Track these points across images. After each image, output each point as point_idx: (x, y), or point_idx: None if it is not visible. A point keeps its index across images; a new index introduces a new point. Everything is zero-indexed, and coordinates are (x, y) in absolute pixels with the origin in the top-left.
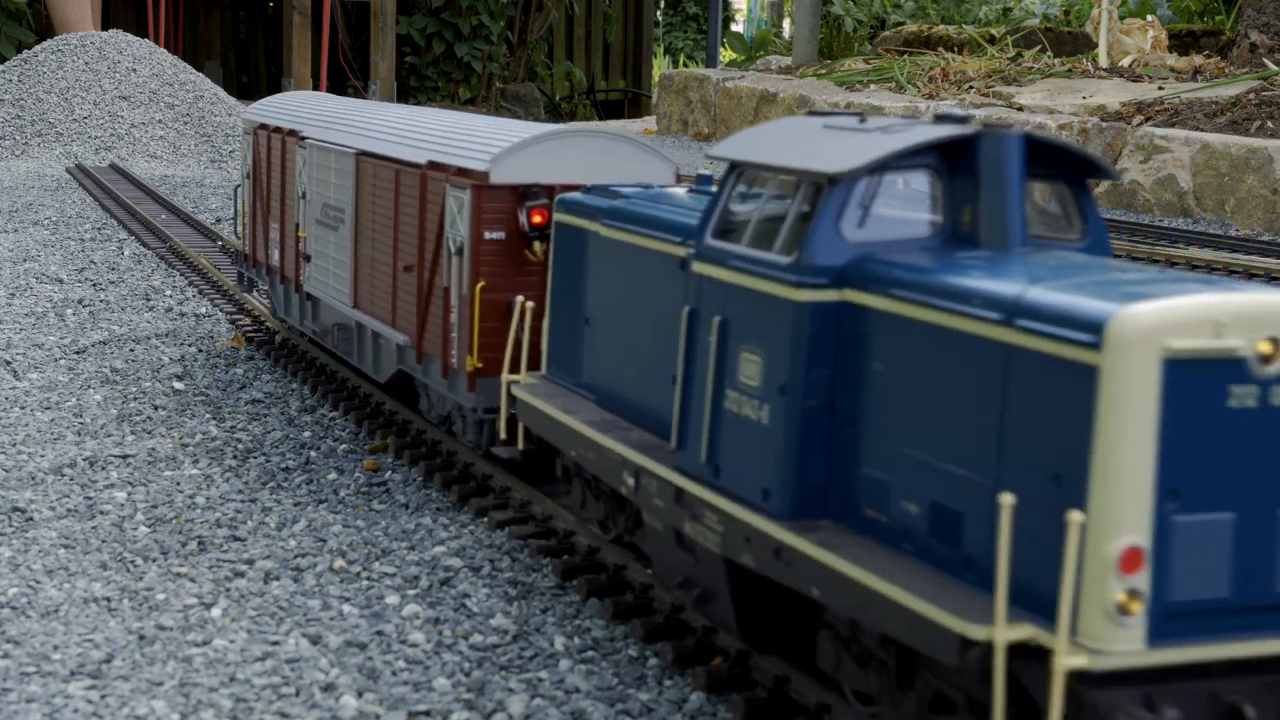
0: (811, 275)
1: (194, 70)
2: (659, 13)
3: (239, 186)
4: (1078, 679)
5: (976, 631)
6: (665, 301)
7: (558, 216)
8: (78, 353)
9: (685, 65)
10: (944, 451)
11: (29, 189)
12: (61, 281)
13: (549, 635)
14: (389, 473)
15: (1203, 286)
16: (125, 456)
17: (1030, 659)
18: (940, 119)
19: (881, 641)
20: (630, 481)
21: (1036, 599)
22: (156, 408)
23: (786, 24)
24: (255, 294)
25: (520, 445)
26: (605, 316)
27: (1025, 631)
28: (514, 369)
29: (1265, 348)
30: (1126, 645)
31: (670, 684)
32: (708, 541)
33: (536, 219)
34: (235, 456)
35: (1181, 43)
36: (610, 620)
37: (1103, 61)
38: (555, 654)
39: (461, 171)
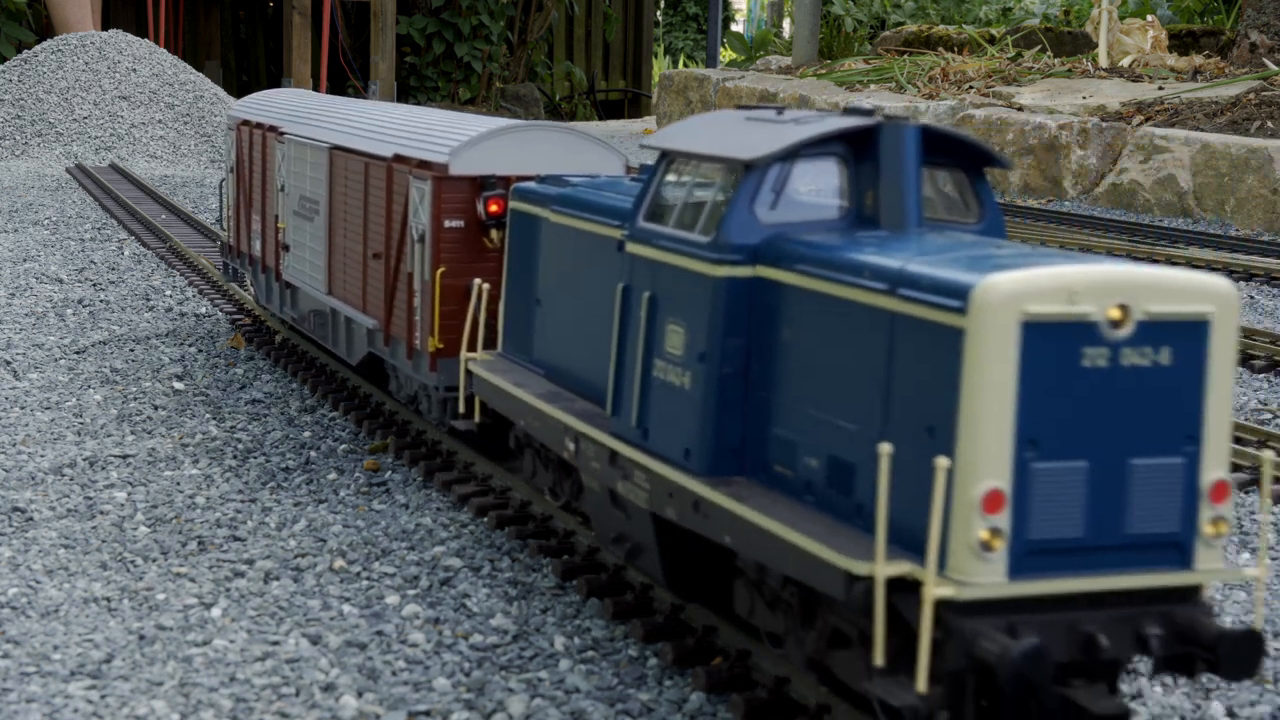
0: (728, 253)
1: (194, 70)
2: (659, 13)
3: (224, 180)
4: (947, 608)
5: (860, 568)
6: (604, 281)
7: (513, 204)
8: (78, 353)
9: (685, 65)
10: (840, 410)
11: (29, 189)
12: (61, 281)
13: (549, 635)
14: (389, 473)
15: (1063, 260)
16: (125, 456)
17: (907, 592)
18: (848, 112)
19: (784, 583)
20: (571, 446)
21: (913, 539)
22: (156, 408)
23: (786, 24)
24: (243, 284)
25: (477, 419)
26: (554, 297)
27: (901, 568)
28: (472, 348)
29: (1115, 314)
30: (989, 578)
31: (670, 684)
32: (637, 499)
33: (493, 208)
34: (235, 456)
35: (1181, 43)
36: (610, 620)
37: (1103, 61)
38: (555, 654)
39: (423, 164)
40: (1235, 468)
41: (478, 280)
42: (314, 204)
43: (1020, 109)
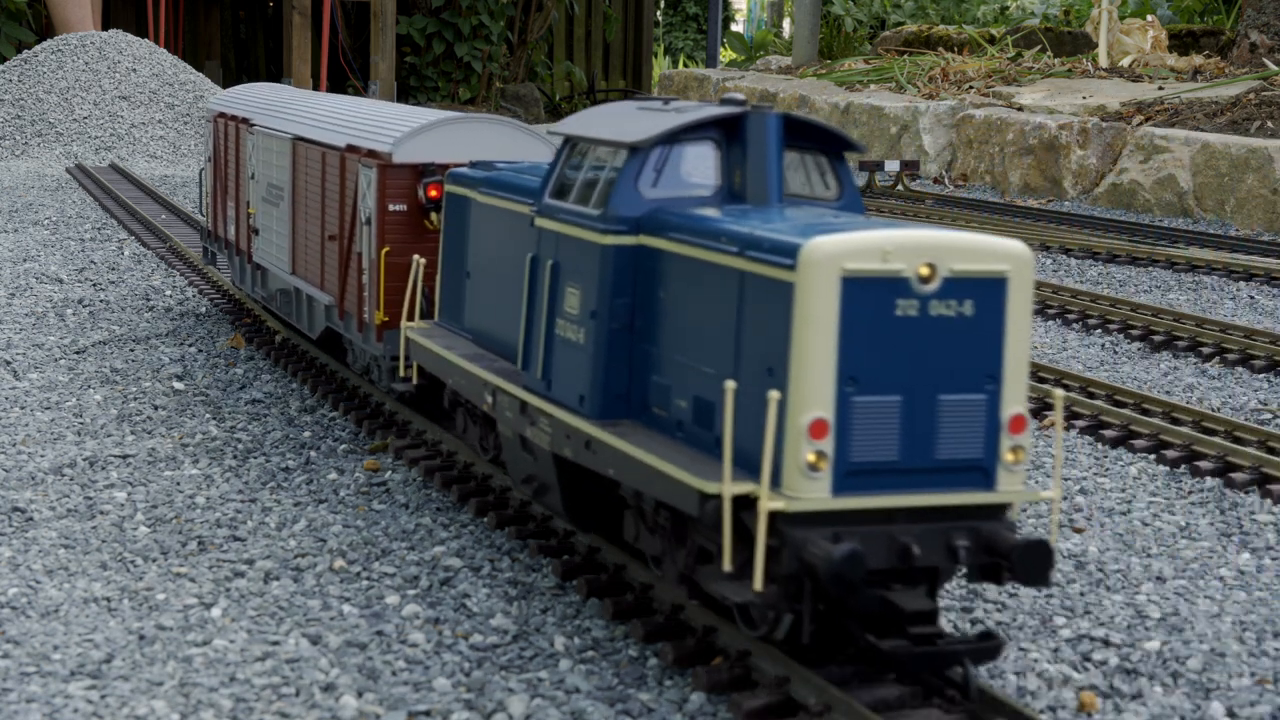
0: (614, 224)
1: (194, 70)
2: (659, 13)
3: (203, 169)
4: (781, 520)
5: (710, 488)
6: (519, 252)
7: (447, 187)
8: (78, 353)
9: (685, 65)
10: (702, 357)
11: (29, 189)
12: (61, 281)
13: (549, 635)
14: (389, 473)
15: (882, 225)
16: (125, 456)
17: (751, 509)
18: (724, 102)
19: (657, 508)
20: (489, 400)
21: (756, 464)
22: (156, 408)
23: (786, 24)
24: (218, 267)
25: (414, 381)
26: (480, 269)
27: (744, 487)
28: (411, 318)
29: (924, 271)
30: (815, 494)
31: (670, 684)
32: (542, 442)
33: (433, 193)
34: (235, 456)
35: (1181, 43)
36: (610, 620)
37: (1103, 61)
38: (555, 654)
39: (370, 153)
40: (1229, 466)
41: (416, 257)
42: (279, 190)
43: (1020, 109)
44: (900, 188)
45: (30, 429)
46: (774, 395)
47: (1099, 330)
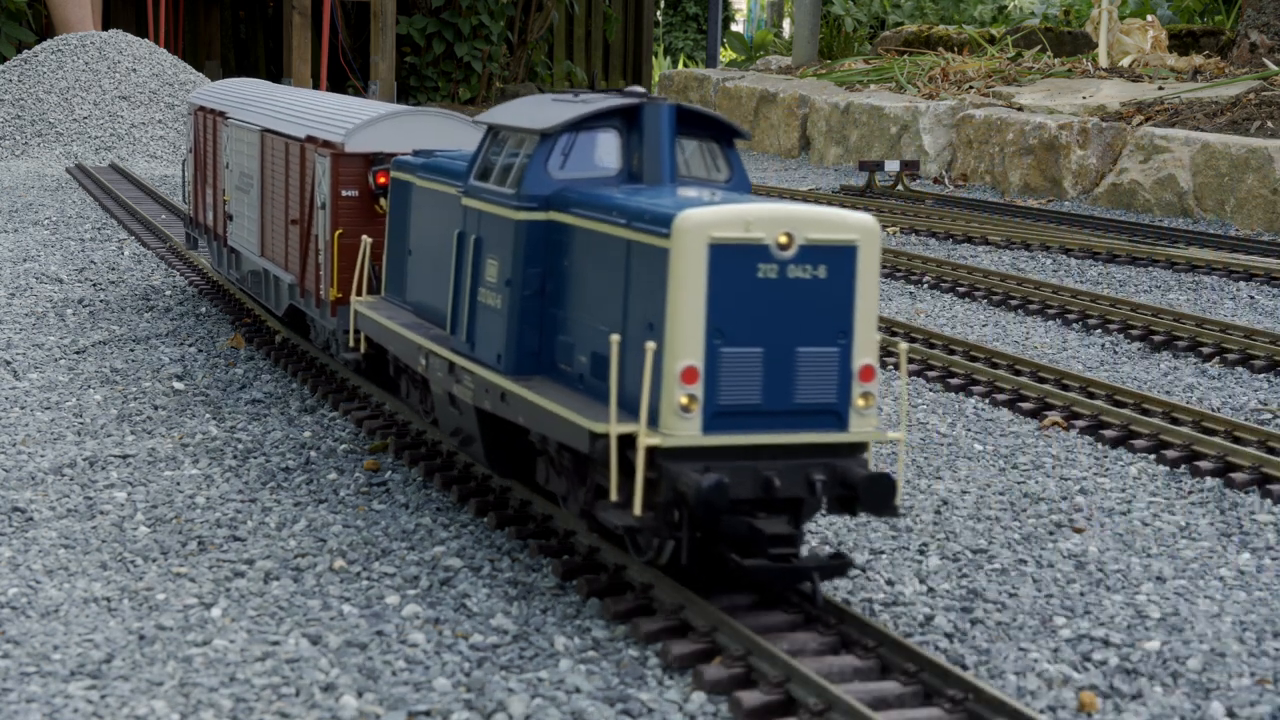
0: (526, 202)
1: (194, 70)
2: (659, 13)
3: (185, 160)
4: (658, 454)
5: (599, 428)
6: (450, 230)
7: (393, 173)
8: (78, 353)
9: (685, 65)
10: (598, 317)
11: (29, 189)
12: (61, 281)
13: (549, 635)
14: (389, 473)
15: (750, 200)
16: (125, 456)
17: (633, 446)
18: (626, 93)
19: (559, 450)
20: (423, 362)
21: (638, 407)
22: (156, 408)
23: (786, 24)
24: (199, 251)
25: (362, 350)
26: (419, 247)
27: (627, 427)
28: (360, 294)
29: (783, 239)
30: (688, 432)
31: (670, 684)
32: (466, 397)
33: (382, 180)
34: (235, 456)
35: (1181, 43)
36: (610, 620)
37: (1103, 61)
38: (555, 654)
39: (325, 143)
40: (1230, 466)
41: (364, 237)
42: (250, 178)
43: (1020, 109)
44: (900, 188)
45: (30, 429)
46: (650, 346)
47: (1099, 330)
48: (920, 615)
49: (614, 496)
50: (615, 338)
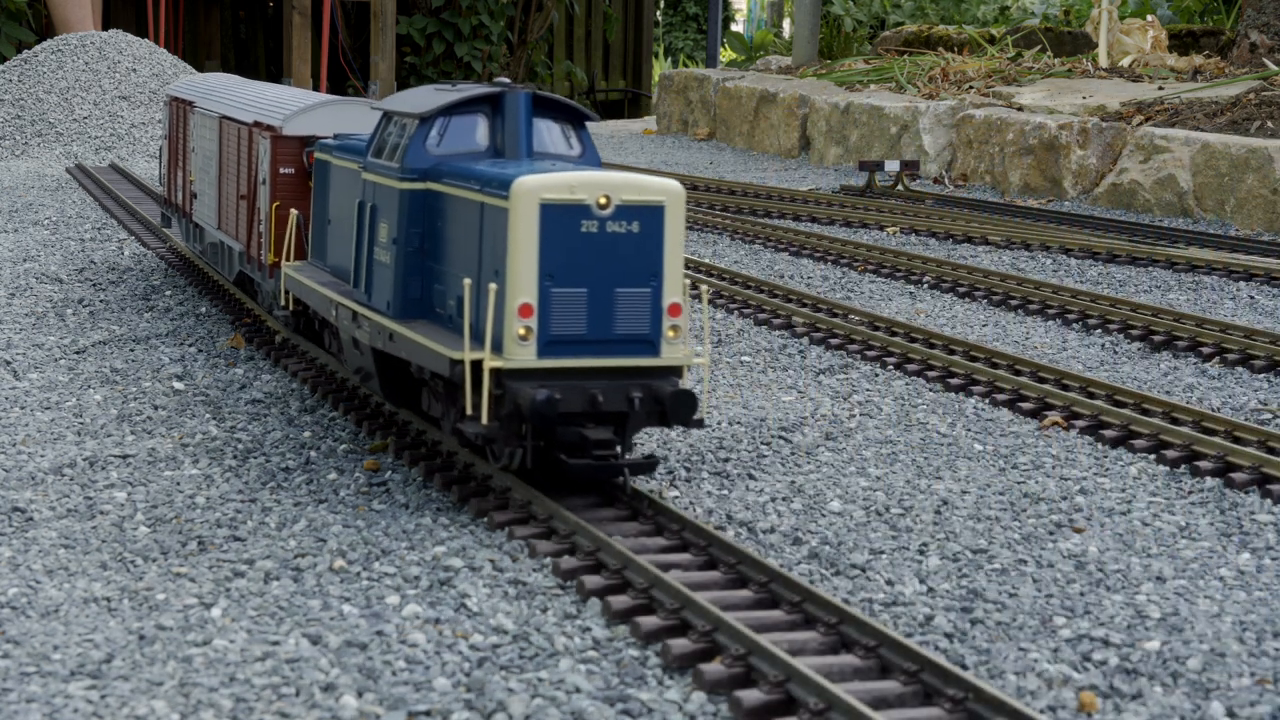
0: (408, 174)
1: (194, 70)
2: (659, 13)
3: (161, 146)
4: (502, 375)
5: (456, 355)
6: (355, 200)
7: (316, 155)
8: (78, 353)
9: (685, 65)
10: (461, 267)
11: (29, 189)
12: (61, 281)
13: (549, 635)
14: (389, 473)
15: (577, 169)
16: (125, 456)
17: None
18: (494, 83)
19: (433, 377)
20: (334, 313)
21: (486, 338)
22: (156, 408)
23: (786, 24)
24: (170, 228)
25: (290, 308)
26: (335, 217)
27: (478, 354)
28: (289, 259)
29: (602, 200)
30: (525, 357)
31: (670, 684)
32: (364, 339)
33: (313, 159)
34: (235, 456)
35: (1181, 43)
36: (610, 620)
37: (1103, 61)
38: (555, 654)
39: (267, 127)
40: (1230, 466)
41: (293, 210)
42: (210, 160)
43: (1020, 109)
44: (900, 188)
45: (30, 429)
46: (492, 287)
47: (1099, 330)
48: (920, 615)
49: (468, 410)
50: (468, 281)
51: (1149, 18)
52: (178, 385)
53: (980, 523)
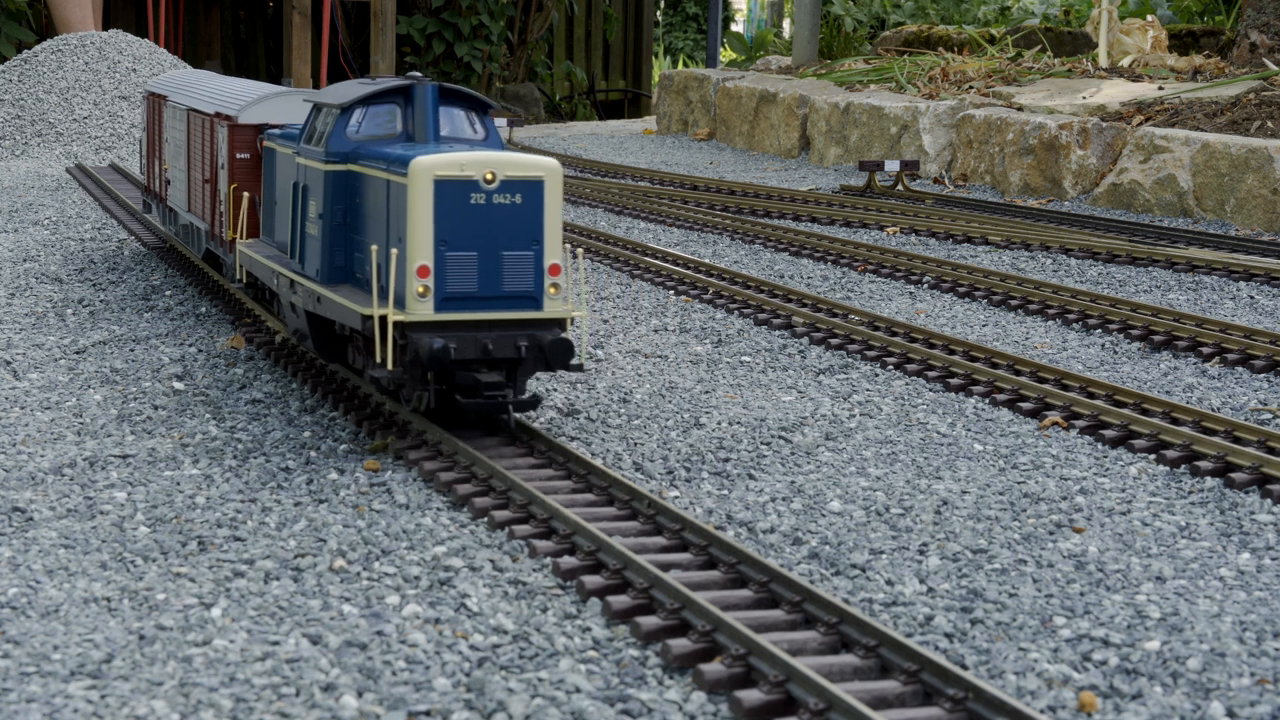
0: (331, 157)
1: (194, 70)
2: (659, 13)
3: (141, 138)
4: (405, 327)
5: (367, 311)
6: (291, 182)
7: (264, 142)
8: (78, 353)
9: (685, 65)
10: (375, 236)
11: (29, 189)
12: (61, 281)
13: (549, 635)
14: (389, 473)
15: (468, 148)
16: (125, 456)
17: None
18: (406, 77)
19: (352, 333)
20: (275, 281)
21: (397, 298)
22: (156, 408)
23: (786, 24)
24: (150, 213)
25: (244, 280)
26: (278, 198)
27: (385, 310)
28: (244, 236)
29: (488, 176)
30: (424, 311)
31: (670, 684)
32: (299, 303)
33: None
34: (235, 456)
35: (1181, 43)
36: (610, 620)
37: (1103, 61)
38: (555, 654)
39: (225, 117)
40: (1230, 466)
41: (246, 193)
42: (180, 148)
43: (1020, 109)
44: (900, 188)
45: (30, 429)
46: (395, 252)
47: (1099, 330)
48: (920, 615)
49: (378, 359)
50: (375, 247)
51: (1149, 18)
52: (178, 385)
53: (980, 523)
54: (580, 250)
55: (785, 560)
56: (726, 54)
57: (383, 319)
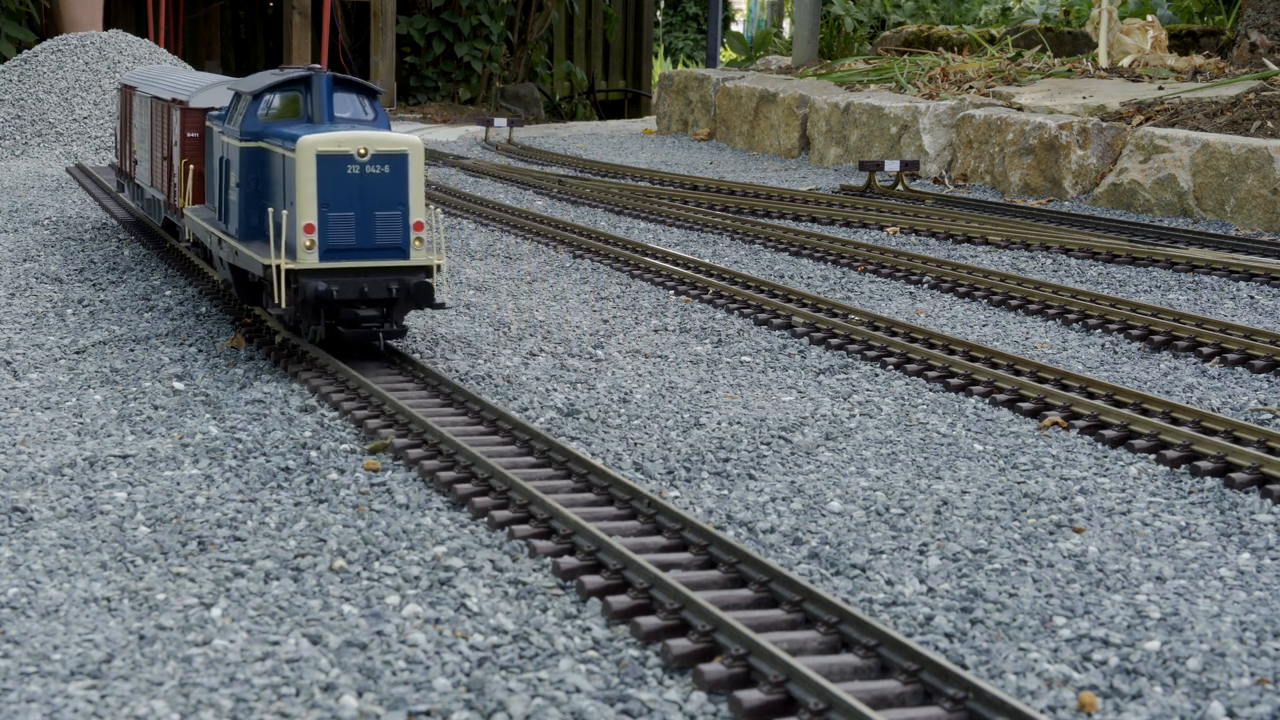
0: (244, 135)
1: (194, 70)
2: (659, 13)
3: (115, 126)
4: (296, 274)
5: (267, 261)
6: (219, 157)
7: (206, 123)
8: (78, 353)
9: (685, 65)
10: (275, 201)
11: (29, 189)
12: (61, 281)
13: (549, 635)
14: (389, 473)
15: (349, 128)
16: (125, 456)
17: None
18: (307, 68)
19: (260, 280)
20: (209, 239)
21: (289, 249)
22: (156, 408)
23: (786, 24)
24: (123, 193)
25: (191, 240)
26: (213, 170)
27: (280, 260)
28: (190, 203)
29: (361, 150)
30: (311, 260)
31: (670, 684)
32: (225, 257)
33: None
34: (235, 456)
35: (1181, 43)
36: (610, 620)
37: (1103, 61)
38: (555, 654)
39: (179, 102)
40: (1230, 466)
41: (192, 166)
42: (145, 131)
43: (1020, 109)
44: (900, 188)
45: (30, 429)
46: (285, 212)
47: (1099, 330)
48: (920, 615)
49: (276, 300)
50: (271, 210)
51: (1149, 18)
52: (178, 385)
53: (980, 523)
54: (439, 210)
55: (785, 560)
56: (726, 54)
57: (279, 268)
